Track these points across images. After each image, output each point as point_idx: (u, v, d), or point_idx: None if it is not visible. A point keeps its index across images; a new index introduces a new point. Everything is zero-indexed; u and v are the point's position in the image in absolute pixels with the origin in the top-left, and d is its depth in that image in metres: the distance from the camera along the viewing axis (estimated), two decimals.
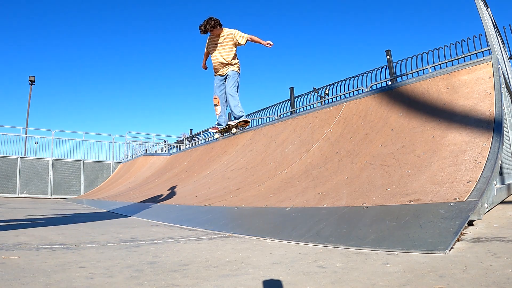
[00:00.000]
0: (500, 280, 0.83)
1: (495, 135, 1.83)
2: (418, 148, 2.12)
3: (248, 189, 2.96)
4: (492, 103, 2.06)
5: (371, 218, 1.56)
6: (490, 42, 2.84)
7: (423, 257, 1.11)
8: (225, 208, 2.63)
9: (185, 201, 3.47)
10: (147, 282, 0.96)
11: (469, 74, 2.39)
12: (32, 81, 17.50)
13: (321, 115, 3.59)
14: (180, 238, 1.84)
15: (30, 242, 1.65)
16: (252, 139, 4.55)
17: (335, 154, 2.76)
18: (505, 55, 4.15)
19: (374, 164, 2.23)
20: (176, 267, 1.14)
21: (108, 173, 13.06)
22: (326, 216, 1.76)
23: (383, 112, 2.81)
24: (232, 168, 4.05)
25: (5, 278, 0.97)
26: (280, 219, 1.98)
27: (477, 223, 1.54)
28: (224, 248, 1.49)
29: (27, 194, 11.25)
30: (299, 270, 1.06)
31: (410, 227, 1.36)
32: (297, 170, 2.91)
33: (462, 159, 1.78)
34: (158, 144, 15.99)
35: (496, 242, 1.21)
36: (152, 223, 2.71)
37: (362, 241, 1.37)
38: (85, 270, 1.09)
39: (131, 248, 1.52)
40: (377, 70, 8.92)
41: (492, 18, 3.73)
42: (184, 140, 15.54)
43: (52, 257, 1.29)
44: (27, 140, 12.44)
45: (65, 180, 12.16)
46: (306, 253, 1.32)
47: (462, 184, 1.57)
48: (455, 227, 1.25)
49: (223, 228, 2.10)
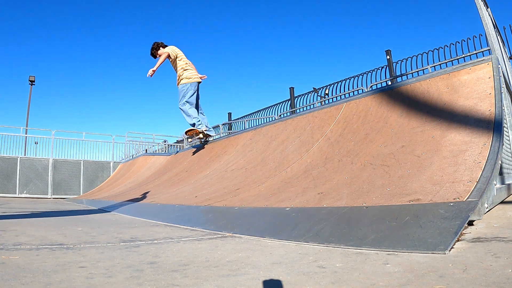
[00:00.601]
0: (500, 280, 0.83)
1: (495, 135, 1.83)
2: (418, 148, 2.12)
3: (248, 189, 2.96)
4: (492, 103, 2.06)
5: (371, 218, 1.56)
6: (490, 42, 2.84)
7: (423, 257, 1.11)
8: (225, 208, 2.63)
9: (185, 201, 3.47)
10: (147, 282, 0.96)
11: (469, 74, 2.39)
12: (32, 81, 17.49)
13: (321, 115, 3.59)
14: (180, 238, 1.84)
15: (30, 242, 1.65)
16: (252, 139, 4.55)
17: (335, 154, 2.76)
18: (505, 55, 4.15)
19: (374, 164, 2.22)
20: (176, 267, 1.14)
21: (108, 173, 13.06)
22: (326, 216, 1.76)
23: (383, 112, 2.81)
24: (232, 168, 4.05)
25: (5, 278, 0.97)
26: (280, 219, 1.98)
27: (477, 223, 1.54)
28: (224, 248, 1.49)
29: (27, 194, 11.25)
30: (299, 270, 1.06)
31: (410, 227, 1.36)
32: (297, 170, 2.91)
33: (462, 159, 1.78)
34: (158, 144, 15.99)
35: (496, 242, 1.21)
36: (152, 223, 2.71)
37: (362, 241, 1.37)
38: (85, 270, 1.09)
39: (131, 248, 1.52)
40: (377, 70, 8.93)
41: (492, 18, 3.73)
42: (184, 140, 15.53)
43: (52, 257, 1.29)
44: (27, 140, 12.44)
45: (65, 180, 12.16)
46: (306, 253, 1.32)
47: (462, 184, 1.57)
48: (455, 227, 1.25)
49: (223, 228, 2.10)
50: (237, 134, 5.27)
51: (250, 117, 12.43)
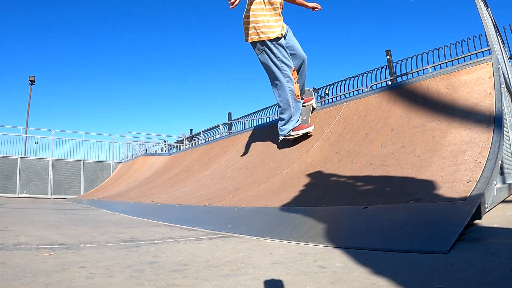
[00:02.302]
0: (500, 280, 0.83)
1: (495, 135, 1.83)
2: (418, 148, 2.12)
3: (248, 189, 2.96)
4: (492, 103, 2.06)
5: (371, 218, 1.56)
6: (490, 42, 2.84)
7: (423, 257, 1.11)
8: (225, 208, 2.63)
9: (185, 201, 3.47)
10: (147, 282, 0.96)
11: (469, 74, 2.39)
12: (32, 81, 17.49)
13: (321, 115, 3.59)
14: (180, 238, 1.84)
15: (30, 242, 1.65)
16: (252, 139, 4.55)
17: (335, 154, 2.76)
18: (505, 55, 4.15)
19: (374, 164, 2.22)
20: (176, 267, 1.14)
21: (108, 173, 13.06)
22: (326, 216, 1.76)
23: (383, 112, 2.81)
24: (232, 168, 4.05)
25: (5, 278, 0.97)
26: (280, 219, 1.98)
27: (477, 223, 1.54)
28: (224, 248, 1.49)
29: (27, 194, 11.25)
30: (299, 270, 1.06)
31: (410, 227, 1.36)
32: (297, 170, 2.91)
33: (462, 159, 1.78)
34: (158, 144, 16.01)
35: (496, 242, 1.21)
36: (152, 223, 2.71)
37: (362, 241, 1.37)
38: (85, 270, 1.09)
39: (131, 248, 1.52)
40: (377, 70, 8.94)
41: (492, 18, 3.73)
42: (184, 140, 15.54)
43: (52, 257, 1.29)
44: (27, 140, 12.45)
45: (65, 180, 12.17)
46: (306, 253, 1.32)
47: (462, 184, 1.57)
48: (455, 227, 1.25)
49: (223, 228, 2.10)
50: (237, 134, 5.27)
51: (250, 117, 12.43)
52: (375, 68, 9.00)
